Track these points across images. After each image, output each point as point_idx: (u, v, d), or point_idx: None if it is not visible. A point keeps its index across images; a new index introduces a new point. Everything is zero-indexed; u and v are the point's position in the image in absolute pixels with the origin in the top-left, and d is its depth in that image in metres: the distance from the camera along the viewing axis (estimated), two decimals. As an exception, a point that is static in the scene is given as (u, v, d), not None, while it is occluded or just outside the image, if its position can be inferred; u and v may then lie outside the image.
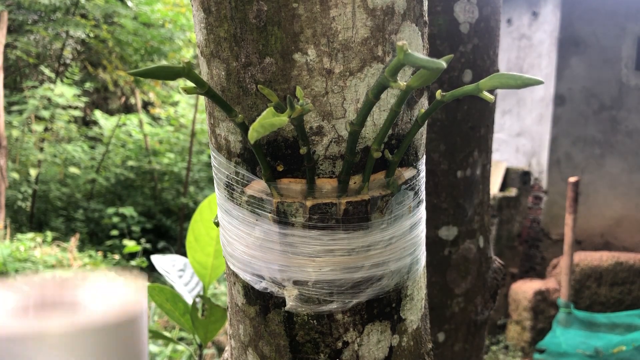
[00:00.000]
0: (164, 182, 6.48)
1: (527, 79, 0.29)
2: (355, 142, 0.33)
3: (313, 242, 0.39)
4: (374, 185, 0.36)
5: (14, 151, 5.54)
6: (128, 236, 5.35)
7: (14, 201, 5.36)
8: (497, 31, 1.04)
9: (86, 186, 6.17)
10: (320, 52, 0.33)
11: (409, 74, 0.36)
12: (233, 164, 0.37)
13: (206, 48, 0.36)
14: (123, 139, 6.57)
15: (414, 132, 0.36)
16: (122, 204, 5.98)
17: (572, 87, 4.41)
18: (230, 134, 0.37)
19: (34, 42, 6.37)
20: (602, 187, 4.49)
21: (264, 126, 0.28)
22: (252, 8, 0.33)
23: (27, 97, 5.65)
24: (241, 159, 0.39)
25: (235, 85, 0.35)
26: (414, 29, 0.36)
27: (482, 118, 1.04)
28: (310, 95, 0.34)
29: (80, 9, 5.97)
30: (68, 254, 3.97)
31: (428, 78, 0.28)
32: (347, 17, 0.33)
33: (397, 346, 0.40)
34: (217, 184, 0.40)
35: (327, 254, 0.39)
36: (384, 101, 0.35)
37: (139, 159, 6.43)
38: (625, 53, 4.39)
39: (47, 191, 5.88)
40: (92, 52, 6.64)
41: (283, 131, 0.35)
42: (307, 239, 0.39)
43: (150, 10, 6.05)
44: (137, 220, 5.58)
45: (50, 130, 6.05)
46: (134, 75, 0.28)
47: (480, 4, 0.97)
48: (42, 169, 5.72)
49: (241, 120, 0.33)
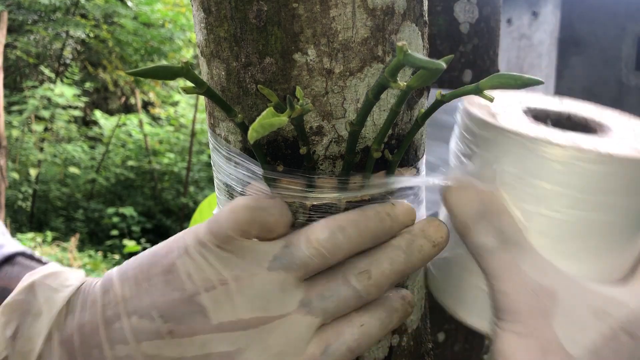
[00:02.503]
0: (164, 182, 6.48)
1: (527, 79, 0.29)
2: (355, 142, 0.33)
3: (313, 242, 0.39)
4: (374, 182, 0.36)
5: (14, 151, 5.54)
6: (128, 236, 5.35)
7: (14, 201, 5.36)
8: (497, 31, 1.05)
9: (86, 186, 6.17)
10: (320, 52, 0.33)
11: (409, 74, 0.36)
12: (233, 164, 0.37)
13: (206, 48, 0.36)
14: (123, 139, 6.57)
15: (414, 132, 0.36)
16: (122, 204, 5.98)
17: (572, 87, 4.40)
18: (230, 134, 0.37)
19: (34, 42, 6.37)
20: (602, 187, 4.48)
21: (263, 126, 0.28)
22: (252, 8, 0.33)
23: (27, 97, 5.65)
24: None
25: (235, 85, 0.35)
26: (414, 29, 0.36)
27: (482, 118, 1.03)
28: (310, 95, 0.34)
29: (80, 9, 5.97)
30: (68, 253, 3.97)
31: (428, 78, 0.28)
32: (347, 17, 0.33)
33: (397, 346, 0.40)
34: (217, 184, 0.40)
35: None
36: (384, 101, 0.35)
37: (139, 159, 6.43)
38: (625, 53, 4.39)
39: (47, 191, 5.88)
40: (92, 52, 6.64)
41: (283, 131, 0.35)
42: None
43: (150, 10, 6.05)
44: (137, 220, 5.59)
45: (50, 130, 6.06)
46: (133, 75, 0.28)
47: (480, 4, 0.97)
48: (42, 169, 5.72)
49: (241, 120, 0.33)
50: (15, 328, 0.31)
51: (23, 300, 0.32)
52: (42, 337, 0.31)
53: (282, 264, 0.32)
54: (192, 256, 0.32)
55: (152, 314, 0.31)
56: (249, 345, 0.31)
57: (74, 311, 0.32)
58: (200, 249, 0.32)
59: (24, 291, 0.32)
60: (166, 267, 0.32)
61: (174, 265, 0.32)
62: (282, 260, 0.32)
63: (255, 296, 0.31)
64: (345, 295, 0.33)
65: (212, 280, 0.31)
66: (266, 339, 0.31)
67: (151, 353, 0.31)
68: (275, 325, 0.32)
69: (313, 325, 0.32)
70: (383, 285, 0.33)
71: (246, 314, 0.31)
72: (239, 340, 0.31)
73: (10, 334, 0.31)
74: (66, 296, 0.33)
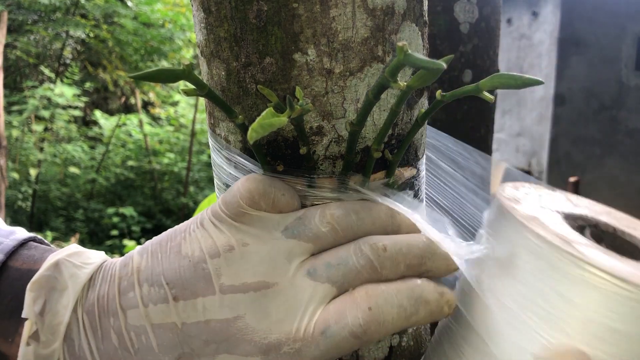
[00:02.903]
0: (164, 182, 6.48)
1: (527, 79, 0.29)
2: (355, 142, 0.33)
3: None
4: (374, 185, 0.36)
5: (14, 151, 5.54)
6: (128, 236, 5.36)
7: (14, 201, 5.36)
8: (497, 31, 1.05)
9: (86, 186, 6.17)
10: (320, 52, 0.33)
11: (409, 74, 0.36)
12: (233, 164, 0.37)
13: (206, 48, 0.36)
14: (123, 139, 6.57)
15: (414, 132, 0.36)
16: (122, 204, 5.98)
17: (572, 87, 4.41)
18: (230, 134, 0.37)
19: (34, 42, 6.37)
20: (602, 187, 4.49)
21: (263, 127, 0.28)
22: (252, 8, 0.33)
23: (27, 97, 5.65)
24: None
25: (235, 85, 0.35)
26: (414, 29, 0.36)
27: (482, 118, 1.04)
28: (310, 95, 0.34)
29: (80, 9, 5.97)
30: (68, 254, 3.96)
31: (428, 78, 0.28)
32: (347, 17, 0.33)
33: (397, 346, 0.40)
34: (217, 184, 0.40)
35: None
36: (384, 101, 0.35)
37: (139, 159, 6.43)
38: (625, 53, 4.39)
39: (47, 191, 5.88)
40: (92, 52, 6.64)
41: (283, 131, 0.35)
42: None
43: (150, 10, 6.04)
44: (137, 220, 5.59)
45: (50, 130, 6.06)
46: (135, 78, 0.28)
47: (480, 4, 0.97)
48: (42, 169, 5.72)
49: (242, 122, 0.33)
50: (43, 303, 0.32)
51: (50, 276, 0.33)
52: (68, 310, 0.32)
53: (293, 234, 0.32)
54: (205, 226, 0.33)
55: (161, 281, 0.32)
56: (248, 311, 0.31)
57: (96, 285, 0.34)
58: (213, 220, 0.33)
59: (50, 269, 0.33)
60: (180, 239, 0.33)
61: (188, 237, 0.33)
62: (294, 230, 0.32)
63: (260, 262, 0.32)
64: (355, 264, 0.31)
65: (219, 247, 0.32)
66: (266, 305, 0.31)
67: (157, 320, 0.31)
68: (277, 291, 0.31)
69: (317, 295, 0.31)
70: (399, 263, 0.32)
71: (248, 278, 0.31)
72: (238, 306, 0.31)
73: (39, 309, 0.32)
74: (89, 272, 0.34)
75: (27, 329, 0.32)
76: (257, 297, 0.31)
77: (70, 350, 0.32)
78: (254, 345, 0.31)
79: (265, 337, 0.31)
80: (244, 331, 0.31)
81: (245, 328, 0.31)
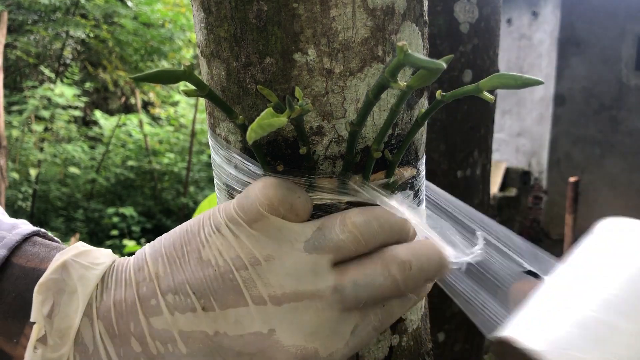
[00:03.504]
0: (164, 182, 6.48)
1: (527, 79, 0.29)
2: (355, 142, 0.33)
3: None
4: (374, 185, 0.36)
5: (14, 151, 5.54)
6: (128, 236, 5.35)
7: (14, 201, 5.36)
8: (497, 31, 1.05)
9: (86, 186, 6.17)
10: (320, 52, 0.33)
11: (409, 74, 0.36)
12: (233, 164, 0.37)
13: (206, 48, 0.36)
14: (123, 139, 6.57)
15: (414, 132, 0.36)
16: (122, 204, 5.98)
17: (572, 87, 4.41)
18: (230, 134, 0.37)
19: (34, 42, 6.37)
20: (602, 187, 4.49)
21: (262, 127, 0.28)
22: (252, 8, 0.33)
23: (27, 97, 5.64)
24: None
25: (235, 85, 0.35)
26: (414, 29, 0.36)
27: (482, 118, 1.04)
28: (310, 95, 0.34)
29: (80, 9, 5.97)
30: (68, 254, 3.96)
31: (428, 78, 0.28)
32: (347, 17, 0.33)
33: (397, 346, 0.40)
34: (217, 184, 0.40)
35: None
36: (384, 101, 0.35)
37: (139, 159, 6.43)
38: (625, 53, 4.39)
39: (47, 191, 5.88)
40: (92, 52, 6.64)
41: (283, 131, 0.35)
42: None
43: (150, 10, 6.04)
44: (137, 220, 5.58)
45: (50, 130, 6.05)
46: (136, 79, 0.28)
47: (480, 4, 0.97)
48: (42, 169, 5.72)
49: (242, 122, 0.33)
50: (51, 306, 0.32)
51: (57, 279, 0.32)
52: (79, 313, 0.32)
53: (314, 246, 0.32)
54: (223, 233, 0.32)
55: (186, 290, 0.31)
56: (281, 324, 0.31)
57: (109, 288, 0.33)
58: (230, 226, 0.32)
59: (57, 270, 0.33)
60: (198, 244, 0.33)
61: (206, 243, 0.32)
62: (315, 242, 0.32)
63: (287, 275, 0.32)
64: (381, 285, 0.32)
65: (244, 259, 0.32)
66: (299, 318, 0.32)
67: (186, 329, 0.31)
68: (307, 305, 0.32)
69: (345, 310, 0.33)
70: (420, 280, 0.33)
71: (278, 290, 0.31)
72: (271, 319, 0.31)
73: (47, 312, 0.32)
74: (99, 274, 0.33)
75: (35, 333, 0.31)
76: (289, 309, 0.31)
77: (83, 356, 0.31)
78: (289, 355, 0.31)
79: (301, 348, 0.31)
80: (279, 343, 0.31)
81: (279, 340, 0.31)
